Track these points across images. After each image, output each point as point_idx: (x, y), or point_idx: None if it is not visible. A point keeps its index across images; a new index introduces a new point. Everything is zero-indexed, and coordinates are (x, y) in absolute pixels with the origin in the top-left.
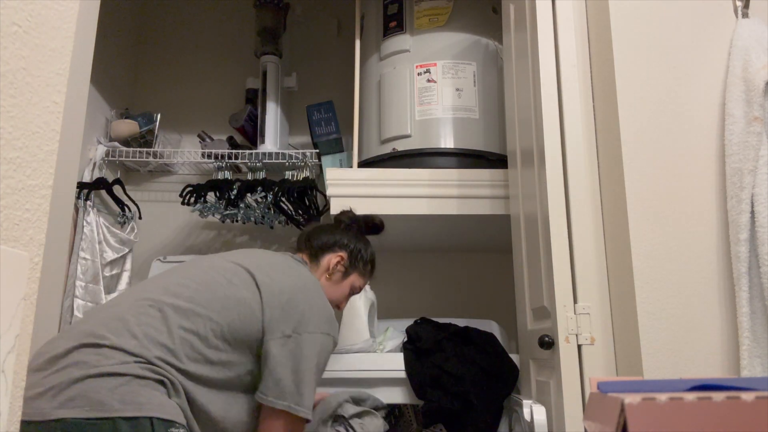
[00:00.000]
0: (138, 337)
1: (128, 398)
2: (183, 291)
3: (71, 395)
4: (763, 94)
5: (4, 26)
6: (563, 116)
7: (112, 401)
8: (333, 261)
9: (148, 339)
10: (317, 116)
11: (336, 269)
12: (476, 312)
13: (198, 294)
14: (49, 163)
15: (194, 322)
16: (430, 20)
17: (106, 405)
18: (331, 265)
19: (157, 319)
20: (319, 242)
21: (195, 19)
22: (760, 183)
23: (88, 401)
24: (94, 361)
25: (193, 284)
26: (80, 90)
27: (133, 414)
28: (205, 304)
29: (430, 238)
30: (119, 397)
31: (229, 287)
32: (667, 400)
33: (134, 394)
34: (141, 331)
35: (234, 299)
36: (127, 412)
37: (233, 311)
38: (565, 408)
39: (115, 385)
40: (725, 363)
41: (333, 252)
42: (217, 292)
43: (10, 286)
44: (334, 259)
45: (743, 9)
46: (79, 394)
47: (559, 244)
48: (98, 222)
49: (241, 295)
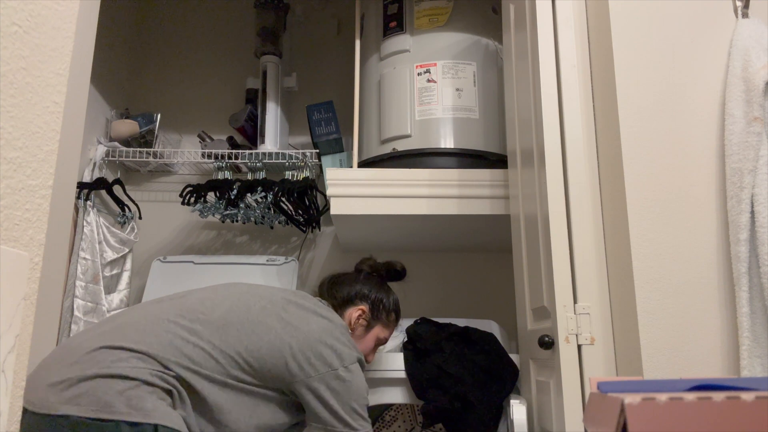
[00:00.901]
0: (161, 344)
1: (135, 403)
2: (215, 309)
3: (79, 392)
4: (763, 94)
5: (4, 26)
6: (563, 116)
7: (119, 404)
8: (354, 315)
9: (171, 347)
10: (317, 116)
11: (358, 323)
12: (476, 312)
13: (230, 314)
14: (49, 163)
15: (224, 340)
16: (430, 20)
17: (112, 407)
18: (352, 319)
19: (185, 330)
20: (340, 295)
21: (195, 19)
22: (760, 183)
23: (96, 401)
24: (107, 361)
25: (227, 303)
26: (80, 90)
27: (139, 420)
28: (238, 326)
29: (430, 238)
30: (126, 401)
31: (261, 314)
32: (667, 400)
33: (141, 400)
34: (167, 339)
35: (264, 326)
36: (133, 417)
37: (263, 338)
38: (565, 408)
39: (123, 388)
40: (725, 363)
41: (354, 305)
42: (250, 315)
43: (10, 286)
44: (356, 312)
45: (743, 9)
46: (87, 392)
47: (559, 244)
48: (98, 222)
49: (270, 324)
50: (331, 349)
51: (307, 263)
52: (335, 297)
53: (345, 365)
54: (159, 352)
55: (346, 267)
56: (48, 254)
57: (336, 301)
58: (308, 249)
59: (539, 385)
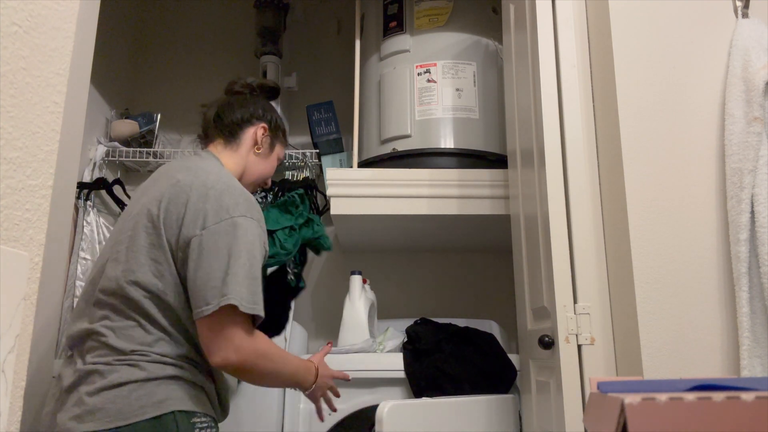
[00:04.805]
0: (117, 334)
1: (146, 401)
2: (109, 273)
3: (88, 409)
4: (763, 94)
5: (4, 26)
6: (563, 116)
7: (131, 407)
8: (259, 133)
9: (122, 332)
10: (317, 116)
11: (264, 141)
12: (476, 312)
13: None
14: (49, 163)
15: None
16: (430, 20)
17: (125, 413)
18: (258, 138)
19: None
20: (233, 118)
21: (195, 19)
22: (760, 183)
23: (107, 413)
24: (103, 371)
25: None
26: (80, 90)
27: (155, 413)
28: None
29: (430, 238)
30: (137, 402)
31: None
32: (667, 400)
33: (150, 395)
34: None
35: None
36: (148, 414)
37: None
38: (565, 408)
39: (129, 390)
40: (725, 363)
41: (253, 125)
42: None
43: (10, 286)
44: (260, 131)
45: (743, 9)
46: (97, 407)
47: (559, 244)
48: (98, 222)
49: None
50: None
51: (306, 263)
52: (225, 123)
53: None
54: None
55: (346, 267)
56: (48, 254)
57: (228, 128)
58: None
59: (539, 385)
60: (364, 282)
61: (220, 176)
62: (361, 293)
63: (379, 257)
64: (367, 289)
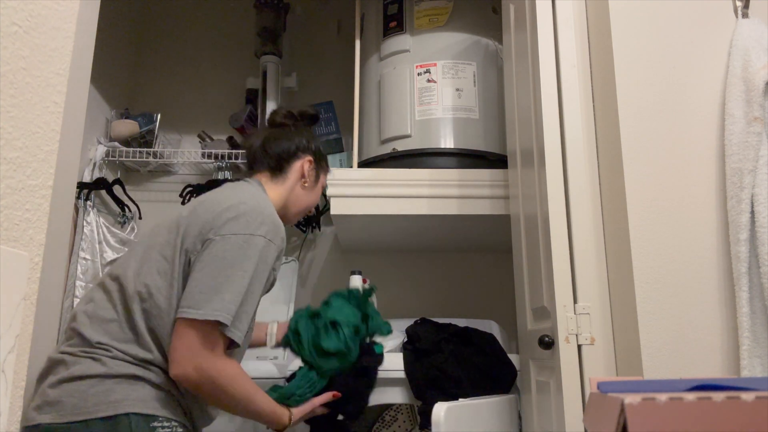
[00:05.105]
0: (90, 326)
1: (102, 398)
2: (123, 263)
3: (48, 400)
4: (763, 94)
5: (4, 26)
6: (563, 116)
7: (86, 403)
8: (306, 167)
9: (99, 322)
10: None
11: (310, 174)
12: (476, 312)
13: (130, 259)
14: (49, 163)
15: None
16: (430, 20)
17: (80, 408)
18: (305, 171)
19: (103, 300)
20: (279, 152)
21: (195, 19)
22: (760, 183)
23: (63, 406)
24: (66, 363)
25: (129, 254)
26: (80, 90)
27: (109, 413)
28: (135, 267)
29: (430, 238)
30: (94, 398)
31: (153, 236)
32: (667, 400)
33: (108, 393)
34: (93, 316)
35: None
36: (102, 412)
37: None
38: (565, 408)
39: (88, 386)
40: (725, 363)
41: (299, 158)
42: (141, 251)
43: (10, 286)
44: (306, 165)
45: (743, 9)
46: (55, 399)
47: (559, 244)
48: (98, 222)
49: (163, 240)
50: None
51: (307, 263)
52: (271, 156)
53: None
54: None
55: (346, 267)
56: (48, 254)
57: (275, 160)
58: (308, 249)
59: (539, 385)
60: (364, 282)
61: (256, 198)
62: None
63: (379, 257)
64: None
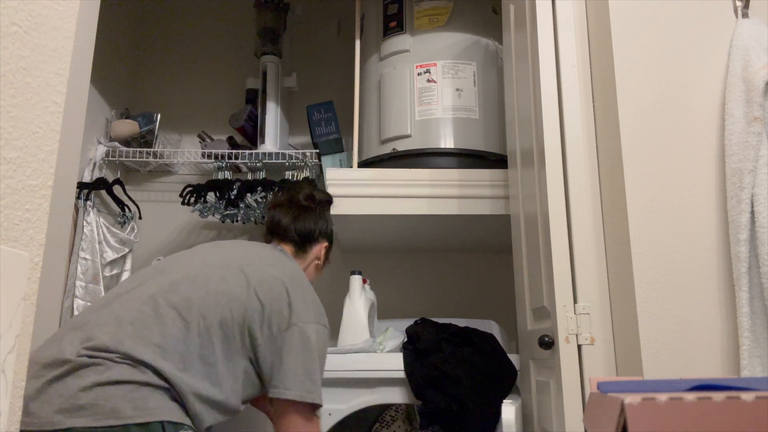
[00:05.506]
0: (132, 338)
1: (140, 404)
2: (177, 288)
3: (80, 404)
4: (763, 94)
5: (4, 26)
6: (563, 116)
7: (125, 408)
8: (323, 252)
9: (141, 340)
10: (317, 116)
11: (323, 257)
12: (476, 312)
13: (193, 291)
14: (49, 163)
15: (187, 318)
16: (430, 20)
17: (119, 412)
18: (321, 255)
19: (150, 318)
20: (306, 233)
21: (195, 19)
22: (760, 183)
23: (100, 410)
24: (100, 368)
25: (187, 281)
26: (80, 90)
27: (146, 419)
28: (199, 302)
29: (430, 238)
30: (131, 404)
31: (222, 284)
32: (667, 400)
33: (145, 400)
34: (135, 332)
35: (227, 295)
36: (140, 418)
37: (225, 308)
38: (565, 408)
39: (125, 391)
40: (725, 363)
41: (320, 243)
42: (209, 287)
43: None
44: (323, 250)
45: (743, 9)
46: (89, 402)
47: (559, 244)
48: (98, 222)
49: (232, 290)
50: (295, 303)
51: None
52: (297, 236)
53: (309, 321)
54: (133, 352)
55: (346, 267)
56: (48, 254)
57: (299, 240)
58: None
59: (539, 385)
60: (364, 282)
61: (309, 284)
62: (361, 293)
63: (379, 257)
64: (367, 289)
